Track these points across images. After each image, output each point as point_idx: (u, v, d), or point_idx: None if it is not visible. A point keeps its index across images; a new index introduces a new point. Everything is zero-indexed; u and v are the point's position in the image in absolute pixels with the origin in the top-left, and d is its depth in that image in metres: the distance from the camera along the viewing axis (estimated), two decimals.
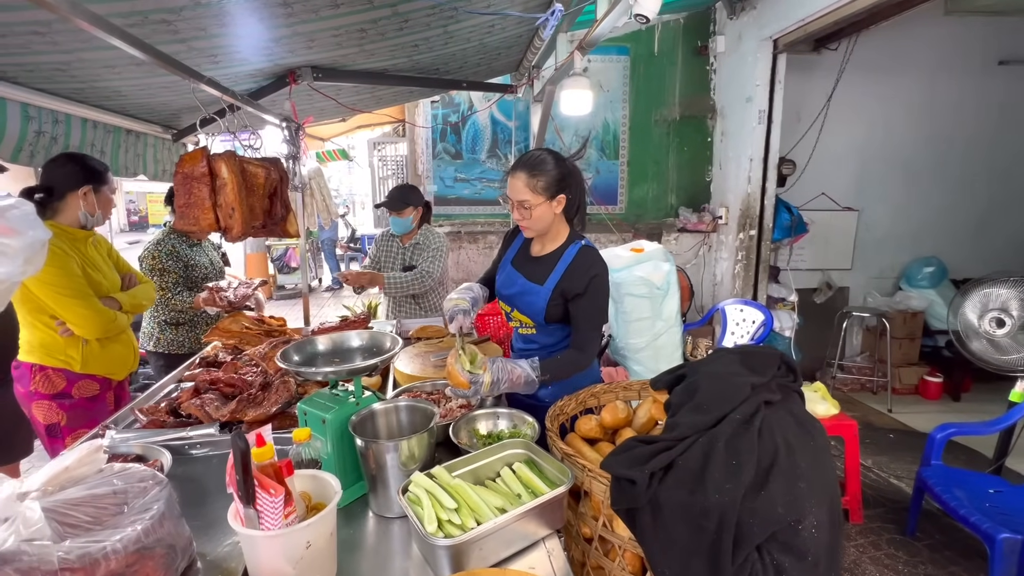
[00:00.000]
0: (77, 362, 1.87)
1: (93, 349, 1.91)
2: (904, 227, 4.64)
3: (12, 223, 0.61)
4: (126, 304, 1.98)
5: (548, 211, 1.52)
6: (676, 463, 1.05)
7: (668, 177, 4.60)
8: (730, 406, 1.14)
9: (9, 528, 0.80)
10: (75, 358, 1.87)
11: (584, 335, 1.56)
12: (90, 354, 1.90)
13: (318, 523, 0.87)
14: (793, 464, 1.05)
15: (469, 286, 1.66)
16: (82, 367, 1.88)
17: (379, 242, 2.96)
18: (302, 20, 1.88)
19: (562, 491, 1.05)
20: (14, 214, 0.62)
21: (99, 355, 1.93)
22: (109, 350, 1.96)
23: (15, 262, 0.61)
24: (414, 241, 2.84)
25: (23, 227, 0.63)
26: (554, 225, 1.58)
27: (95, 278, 1.91)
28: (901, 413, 3.98)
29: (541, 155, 1.52)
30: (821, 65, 4.26)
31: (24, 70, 1.89)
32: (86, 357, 1.89)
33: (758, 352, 1.31)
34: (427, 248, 2.81)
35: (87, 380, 1.91)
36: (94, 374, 1.93)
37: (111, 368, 1.99)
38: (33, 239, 0.65)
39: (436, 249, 2.80)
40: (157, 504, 0.94)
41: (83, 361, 1.88)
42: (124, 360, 2.06)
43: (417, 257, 2.82)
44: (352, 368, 1.18)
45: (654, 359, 2.47)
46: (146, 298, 2.11)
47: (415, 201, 2.77)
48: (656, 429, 1.46)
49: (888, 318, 4.23)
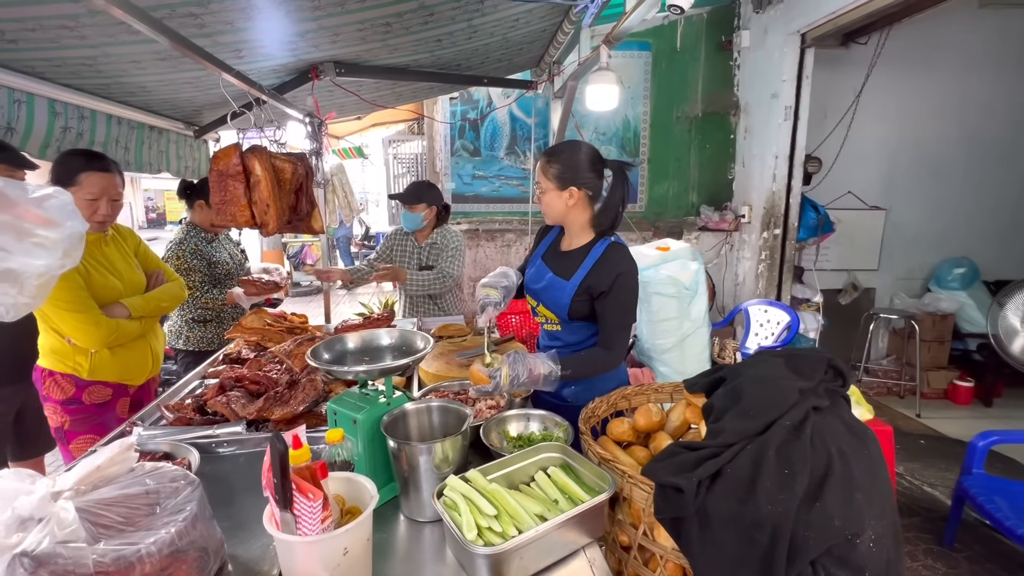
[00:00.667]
0: (85, 369, 1.80)
1: (103, 356, 1.82)
2: (933, 227, 4.51)
3: (50, 213, 0.59)
4: (138, 310, 1.86)
5: (558, 200, 1.51)
6: (724, 471, 1.00)
7: (689, 175, 4.52)
8: (778, 412, 1.08)
9: (44, 529, 0.78)
10: (83, 365, 1.80)
11: (610, 334, 1.51)
12: (99, 361, 1.82)
13: (356, 529, 0.84)
14: (848, 474, 1.00)
15: (505, 272, 1.62)
16: (90, 374, 1.81)
17: (392, 238, 2.89)
18: (328, 14, 1.85)
19: (604, 498, 1.01)
20: (52, 204, 0.59)
21: (109, 362, 1.84)
22: (121, 357, 1.87)
23: (54, 254, 0.59)
24: (431, 240, 2.80)
25: (61, 218, 0.60)
26: (577, 219, 1.56)
27: (107, 282, 1.81)
28: (930, 418, 3.86)
29: (564, 144, 1.53)
30: (849, 60, 4.15)
31: (52, 65, 1.89)
32: (95, 364, 1.81)
33: (804, 355, 1.25)
34: (445, 248, 2.77)
35: (98, 386, 1.83)
36: (105, 380, 1.85)
37: (125, 374, 1.90)
38: (72, 230, 0.62)
39: (455, 249, 2.76)
40: (190, 505, 0.92)
41: (91, 368, 1.81)
42: (141, 365, 1.96)
43: (435, 257, 2.78)
44: (385, 367, 1.15)
45: (681, 360, 2.41)
46: (169, 298, 2.00)
47: (430, 199, 2.71)
48: (690, 433, 1.41)
49: (917, 320, 4.11)
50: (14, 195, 0.57)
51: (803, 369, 1.21)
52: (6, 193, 0.57)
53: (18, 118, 1.90)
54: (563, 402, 1.61)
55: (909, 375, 4.24)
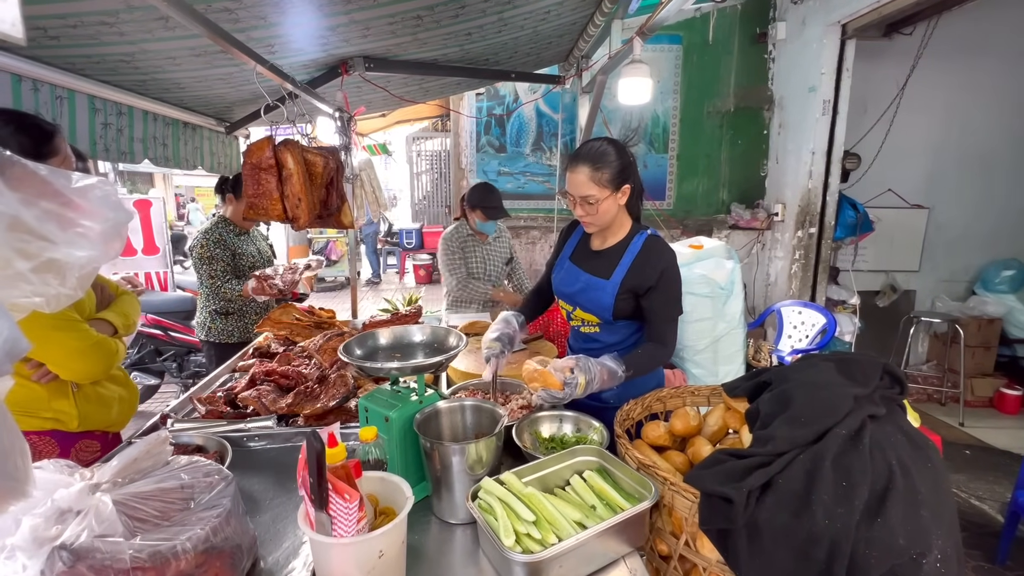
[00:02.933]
0: (73, 417, 1.34)
1: (88, 395, 1.38)
2: (980, 226, 4.29)
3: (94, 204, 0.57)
4: (120, 325, 1.44)
5: (614, 204, 1.44)
6: (775, 482, 0.95)
7: (720, 171, 4.40)
8: (832, 419, 1.02)
9: (83, 522, 0.77)
10: (68, 412, 1.33)
11: (661, 327, 1.48)
12: (86, 403, 1.36)
13: (392, 531, 0.82)
14: (912, 488, 0.93)
15: (506, 319, 1.60)
16: (81, 423, 1.35)
17: (460, 248, 2.79)
18: (360, 7, 1.84)
19: (646, 506, 0.97)
20: (96, 194, 0.58)
21: (97, 403, 1.39)
22: (109, 393, 1.44)
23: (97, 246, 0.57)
24: (495, 235, 2.91)
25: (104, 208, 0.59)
26: (617, 217, 1.50)
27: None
28: (975, 428, 3.68)
29: (602, 146, 1.43)
30: (892, 51, 3.97)
31: (91, 62, 1.93)
32: (83, 409, 1.35)
33: (857, 359, 1.18)
34: (504, 235, 2.98)
35: (87, 440, 1.36)
36: (94, 430, 1.41)
37: (112, 418, 1.45)
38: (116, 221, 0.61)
39: (507, 235, 3.02)
40: (224, 500, 0.91)
41: (81, 415, 1.35)
42: (128, 403, 1.52)
43: (503, 247, 2.95)
44: (419, 365, 1.13)
45: (714, 362, 2.33)
46: (135, 312, 1.56)
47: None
48: (728, 439, 1.35)
49: (961, 324, 3.92)
50: (59, 184, 0.56)
51: (856, 374, 1.14)
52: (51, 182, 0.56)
53: (61, 114, 1.94)
54: (604, 404, 1.56)
55: (951, 382, 4.04)
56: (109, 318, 1.42)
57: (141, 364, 3.73)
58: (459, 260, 2.78)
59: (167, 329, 3.68)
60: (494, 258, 2.88)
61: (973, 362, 4.05)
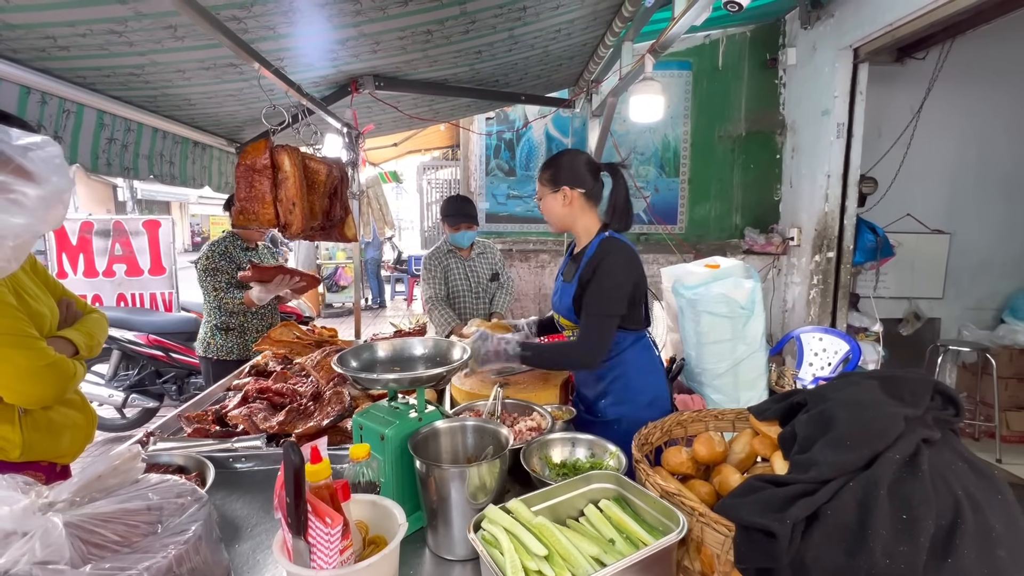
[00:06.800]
0: (15, 445, 1.15)
1: (37, 421, 1.19)
2: (1006, 252, 4.15)
3: (35, 166, 0.50)
4: (82, 345, 1.28)
5: (554, 203, 1.56)
6: (823, 513, 0.82)
7: (732, 196, 4.33)
8: (883, 443, 0.90)
9: (24, 546, 0.67)
10: (10, 439, 1.15)
11: (584, 322, 1.46)
12: (33, 431, 1.18)
13: (380, 563, 0.70)
14: (985, 524, 0.80)
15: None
16: (24, 453, 1.16)
17: (440, 264, 2.72)
18: (369, 19, 1.83)
19: (674, 539, 0.84)
20: (37, 155, 0.51)
21: (47, 431, 1.21)
22: (61, 419, 1.25)
23: (35, 214, 0.50)
24: (477, 251, 2.82)
25: (46, 172, 0.52)
26: (579, 221, 1.57)
27: (34, 307, 1.20)
28: (1014, 464, 3.44)
29: (556, 153, 1.62)
30: (905, 76, 3.94)
31: (101, 75, 1.93)
32: (29, 437, 1.17)
33: (904, 377, 1.06)
34: (490, 252, 2.88)
35: (30, 471, 1.11)
36: (39, 460, 1.22)
37: (63, 448, 1.26)
38: (57, 187, 0.54)
39: (495, 251, 2.90)
40: (194, 525, 0.80)
41: (25, 444, 1.16)
42: (83, 431, 1.32)
43: (487, 263, 2.84)
44: (416, 376, 1.03)
45: (734, 386, 2.20)
46: (102, 332, 1.39)
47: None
48: (757, 467, 1.22)
49: (992, 354, 3.73)
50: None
51: (904, 394, 1.02)
52: None
53: (65, 127, 1.93)
54: (596, 417, 1.57)
55: (984, 415, 3.82)
56: (71, 337, 1.25)
57: (140, 386, 3.66)
58: (437, 277, 2.72)
59: (169, 350, 3.62)
60: (477, 274, 2.77)
61: (1007, 394, 3.83)
